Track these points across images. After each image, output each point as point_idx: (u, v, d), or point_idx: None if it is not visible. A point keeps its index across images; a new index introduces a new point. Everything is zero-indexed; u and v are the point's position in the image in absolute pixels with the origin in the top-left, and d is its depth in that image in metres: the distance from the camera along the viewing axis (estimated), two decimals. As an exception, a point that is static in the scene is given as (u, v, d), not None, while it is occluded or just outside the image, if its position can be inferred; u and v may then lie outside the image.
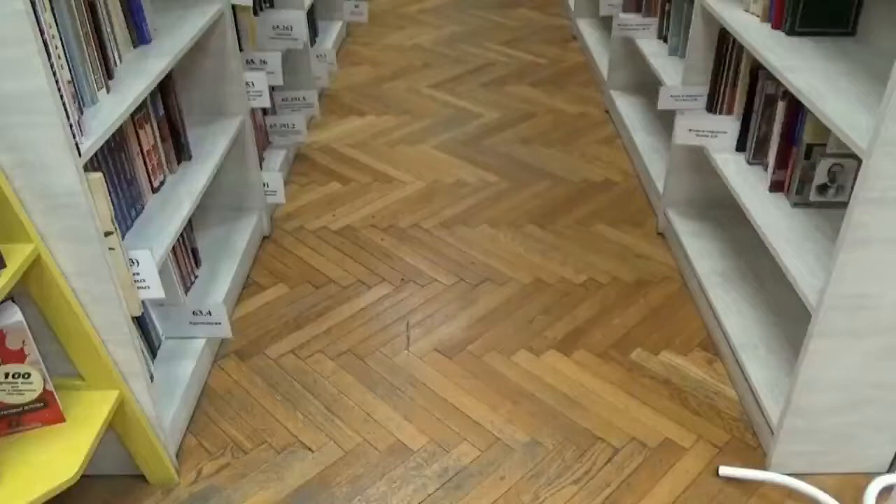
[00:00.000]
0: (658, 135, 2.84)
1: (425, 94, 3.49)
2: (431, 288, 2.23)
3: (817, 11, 1.77)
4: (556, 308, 2.13)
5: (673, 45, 2.58)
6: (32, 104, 1.19)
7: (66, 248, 1.34)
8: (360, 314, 2.12)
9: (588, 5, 4.00)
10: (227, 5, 2.09)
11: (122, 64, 1.65)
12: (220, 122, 2.19)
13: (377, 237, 2.46)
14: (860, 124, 1.34)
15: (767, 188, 1.81)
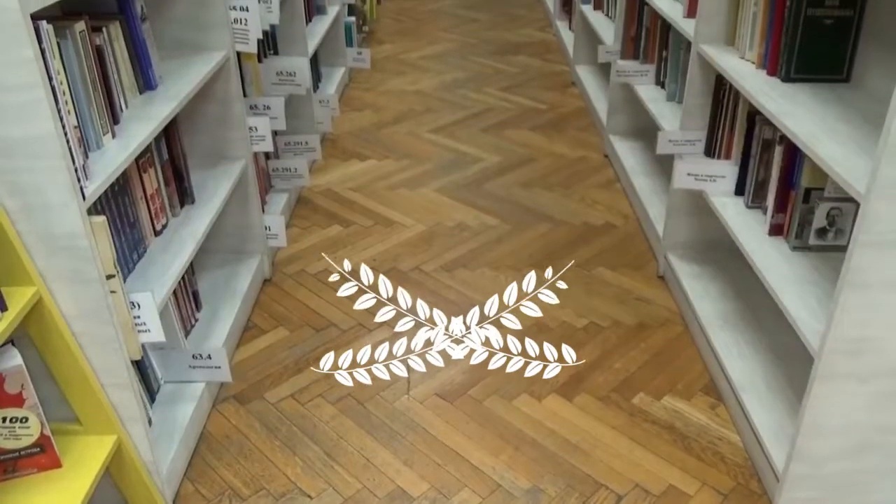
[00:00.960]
0: (657, 178, 2.87)
1: (426, 139, 3.53)
2: (432, 330, 2.22)
3: (812, 58, 1.80)
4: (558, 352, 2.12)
5: (670, 90, 2.62)
6: (39, 148, 1.21)
7: (68, 291, 1.34)
8: (360, 358, 2.11)
9: (586, 52, 4.07)
10: (232, 52, 2.13)
11: (127, 109, 1.68)
12: (223, 165, 2.21)
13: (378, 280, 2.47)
14: (857, 168, 1.35)
15: (767, 232, 1.82)
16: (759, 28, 1.90)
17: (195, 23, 2.05)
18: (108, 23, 1.60)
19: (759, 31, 1.90)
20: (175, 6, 2.03)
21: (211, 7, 2.03)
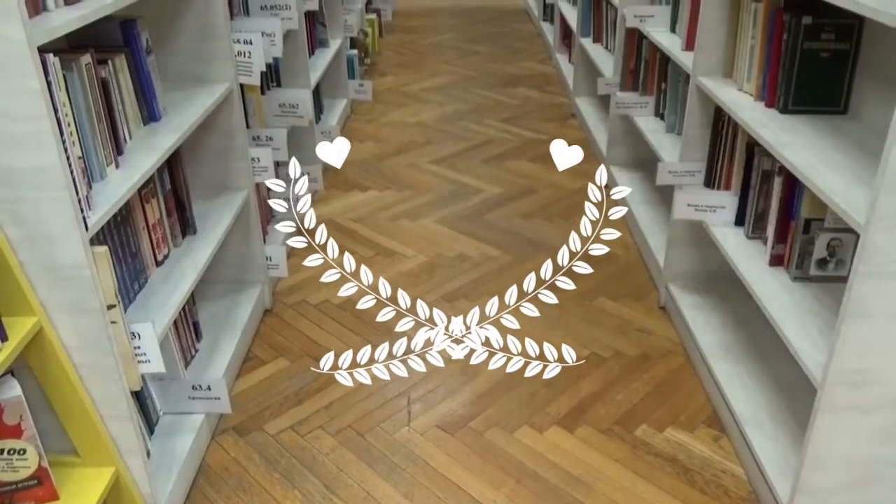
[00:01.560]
0: (657, 209, 2.88)
1: (427, 170, 3.55)
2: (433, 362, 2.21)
3: (809, 90, 1.82)
4: (559, 383, 2.11)
5: (670, 122, 2.65)
6: (43, 179, 1.22)
7: (69, 321, 1.34)
8: (360, 389, 2.10)
9: (586, 84, 4.11)
10: (235, 84, 2.15)
11: (131, 140, 1.69)
12: (226, 196, 2.23)
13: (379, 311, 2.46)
14: (856, 199, 1.36)
15: (767, 262, 1.82)
16: (757, 61, 1.92)
17: (200, 56, 2.08)
18: (113, 56, 1.62)
19: (757, 63, 1.93)
20: (180, 40, 2.05)
21: (215, 40, 2.06)
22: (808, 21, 1.75)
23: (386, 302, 2.00)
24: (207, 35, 2.05)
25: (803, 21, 1.75)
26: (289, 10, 2.62)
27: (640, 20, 2.69)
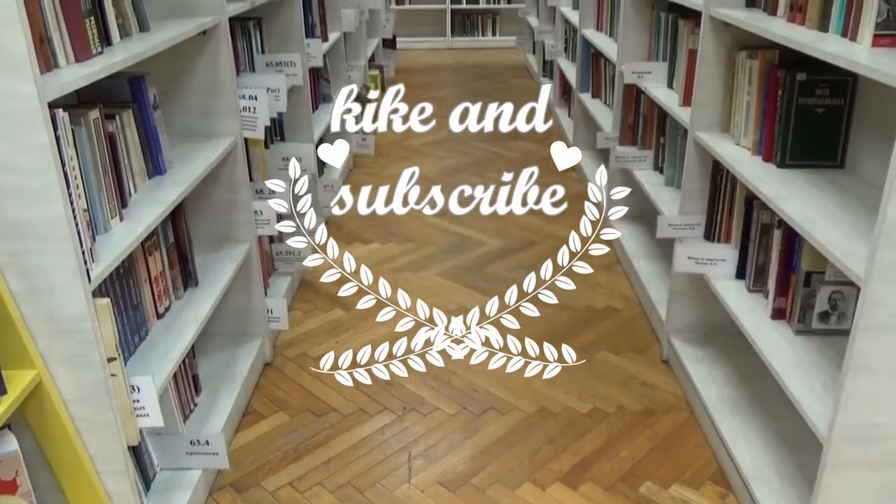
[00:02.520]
0: (658, 262, 2.88)
1: (429, 223, 3.57)
2: (434, 417, 2.19)
3: (806, 145, 1.84)
4: (562, 438, 2.09)
5: (669, 175, 2.67)
6: (48, 232, 1.23)
7: (68, 374, 1.33)
8: (360, 444, 2.07)
9: (586, 138, 4.16)
10: (240, 138, 2.18)
11: (136, 193, 1.71)
12: (228, 248, 2.24)
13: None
14: (856, 252, 1.37)
15: (769, 315, 1.82)
16: (753, 116, 1.96)
17: (205, 111, 2.11)
18: (121, 111, 1.65)
19: (754, 118, 1.96)
20: (187, 95, 2.09)
21: (221, 96, 2.10)
22: (802, 77, 1.79)
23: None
24: (214, 91, 2.09)
25: (797, 78, 1.79)
26: (293, 66, 2.67)
27: (638, 76, 2.74)
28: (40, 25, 1.30)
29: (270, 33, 2.87)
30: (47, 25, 1.32)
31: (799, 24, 1.72)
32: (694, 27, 2.33)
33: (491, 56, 7.57)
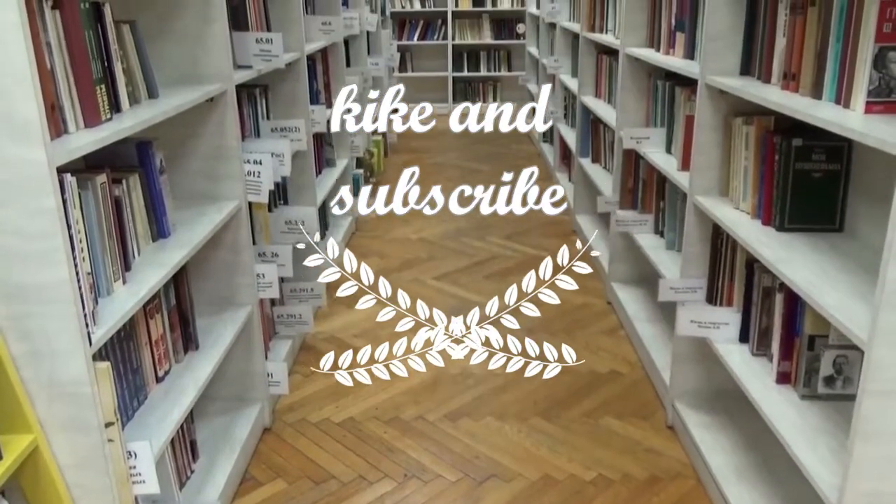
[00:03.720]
0: (661, 325, 2.87)
1: (431, 286, 3.57)
2: (435, 485, 2.15)
3: (804, 209, 1.86)
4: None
5: (669, 239, 2.69)
6: (51, 295, 1.23)
7: (66, 439, 1.31)
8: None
9: (586, 202, 4.20)
10: (244, 202, 2.21)
11: (139, 256, 1.72)
12: (229, 311, 2.23)
13: (380, 430, 2.41)
14: (858, 315, 1.36)
15: (774, 380, 1.80)
16: (751, 180, 1.98)
17: (211, 175, 2.14)
18: (128, 175, 1.68)
19: (752, 183, 1.98)
20: (193, 159, 2.13)
21: (227, 161, 2.13)
22: (798, 143, 1.81)
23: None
24: (219, 155, 2.13)
25: (794, 143, 1.82)
26: (298, 132, 2.72)
27: (637, 142, 2.78)
28: (52, 94, 1.33)
29: (276, 100, 2.94)
30: (59, 93, 1.36)
31: (793, 91, 1.75)
32: (690, 94, 2.38)
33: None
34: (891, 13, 1.43)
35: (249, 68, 2.33)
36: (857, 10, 1.50)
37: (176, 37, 2.02)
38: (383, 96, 5.64)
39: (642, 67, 2.98)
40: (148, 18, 2.00)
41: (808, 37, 1.69)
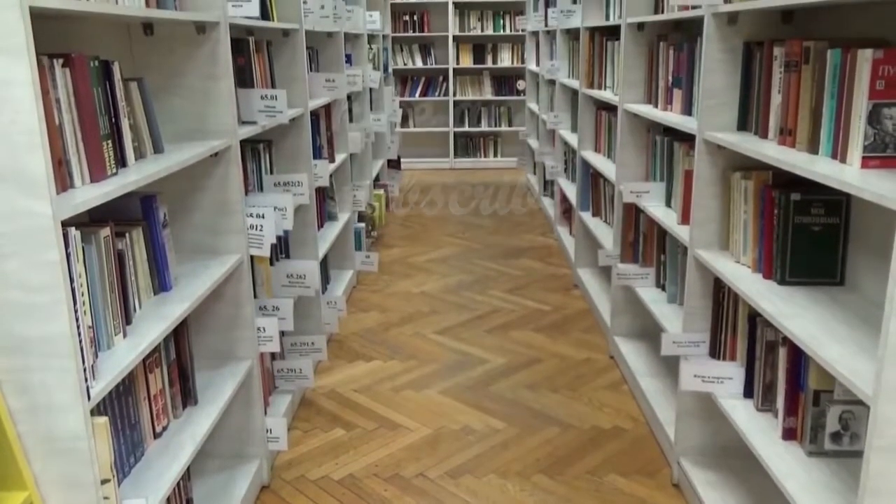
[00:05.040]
0: (664, 380, 2.84)
1: (432, 340, 3.55)
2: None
3: (805, 263, 1.86)
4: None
5: (671, 293, 2.68)
6: (52, 348, 1.23)
7: (60, 497, 1.29)
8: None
9: (587, 256, 4.21)
10: (246, 256, 2.22)
11: (141, 310, 1.72)
12: (229, 365, 2.22)
13: (381, 487, 2.37)
14: (862, 370, 1.35)
15: (780, 436, 1.77)
16: (751, 234, 1.99)
17: (214, 229, 2.16)
18: (131, 228, 1.69)
19: (752, 236, 1.99)
20: (197, 213, 2.14)
21: (230, 215, 2.15)
22: (796, 197, 1.83)
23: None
24: (223, 209, 2.15)
25: (792, 197, 1.83)
26: (301, 186, 2.75)
27: (637, 196, 2.81)
28: (60, 149, 1.35)
29: (280, 154, 2.98)
30: (66, 148, 1.38)
31: (789, 146, 1.78)
32: (689, 149, 2.41)
33: (492, 176, 7.79)
34: (883, 71, 1.46)
35: (254, 124, 2.36)
36: (850, 68, 1.53)
37: (183, 93, 2.06)
38: (385, 149, 5.71)
39: (641, 123, 3.03)
40: (156, 75, 2.04)
41: (804, 94, 1.72)
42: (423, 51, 8.11)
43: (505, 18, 8.00)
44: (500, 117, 8.25)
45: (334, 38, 3.81)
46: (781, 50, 1.82)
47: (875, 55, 1.46)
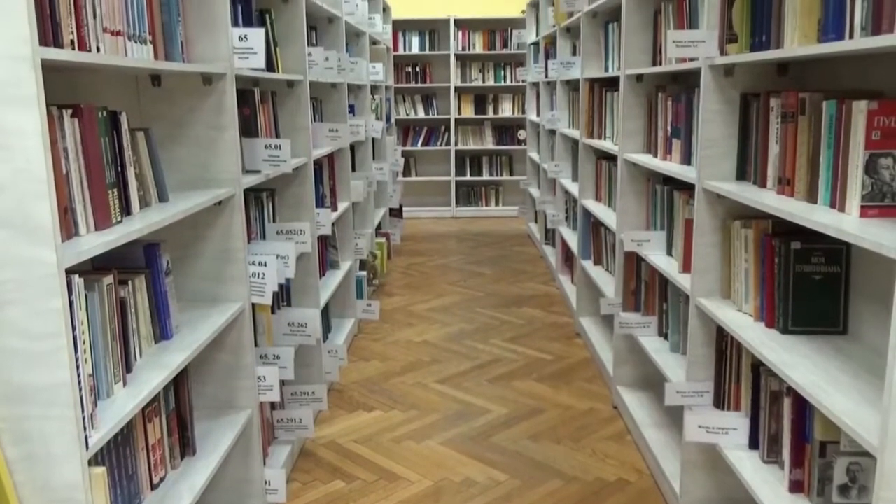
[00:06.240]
0: (669, 430, 2.81)
1: (433, 389, 3.52)
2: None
3: (807, 311, 1.86)
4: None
5: (673, 342, 2.67)
6: (51, 397, 1.22)
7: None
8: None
9: (589, 304, 4.21)
10: (248, 304, 2.22)
11: (141, 358, 1.71)
12: (228, 415, 2.20)
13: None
14: (867, 421, 1.34)
15: (787, 489, 1.75)
16: (753, 282, 1.99)
17: (216, 276, 2.16)
18: (134, 276, 1.70)
19: (753, 285, 1.99)
20: (200, 261, 2.15)
21: (232, 263, 2.16)
22: (797, 246, 1.84)
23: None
24: (225, 258, 2.15)
25: (792, 246, 1.84)
26: (303, 234, 2.77)
27: (637, 244, 2.82)
28: (66, 197, 1.37)
29: (283, 203, 3.00)
30: (73, 197, 1.39)
31: (788, 195, 1.79)
32: (689, 198, 2.43)
33: (494, 224, 7.83)
34: (878, 122, 1.48)
35: (258, 173, 2.39)
36: (846, 119, 1.55)
37: (189, 142, 2.09)
38: (387, 197, 5.75)
39: (641, 172, 3.06)
40: (162, 125, 2.07)
41: (801, 144, 1.74)
42: (426, 101, 8.24)
43: (505, 70, 8.14)
44: (502, 166, 8.34)
45: (338, 89, 3.88)
46: (778, 101, 1.85)
47: (870, 106, 1.48)
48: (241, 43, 2.15)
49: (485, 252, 6.44)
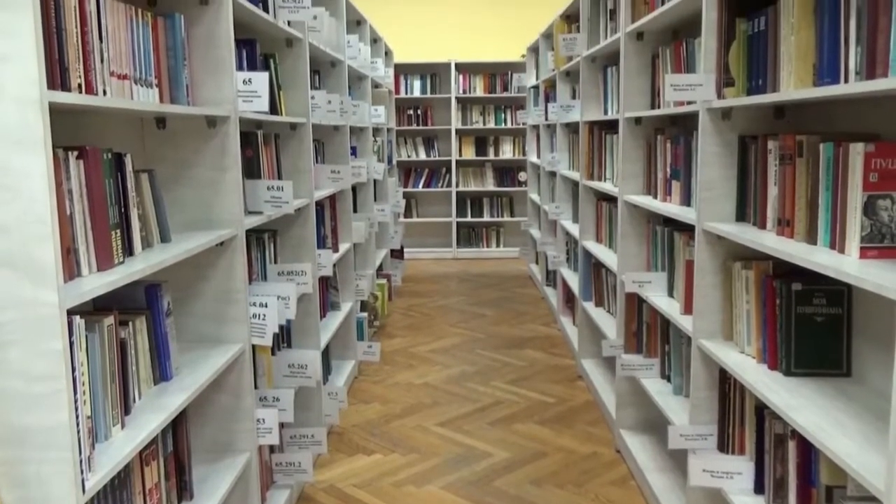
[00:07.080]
0: (673, 474, 2.77)
1: (434, 432, 3.49)
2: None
3: (810, 353, 1.85)
4: None
5: (676, 384, 2.65)
6: (50, 439, 1.21)
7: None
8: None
9: (591, 346, 4.18)
10: (248, 345, 2.21)
11: (140, 400, 1.70)
12: (227, 458, 2.17)
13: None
14: (872, 464, 1.32)
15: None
16: (755, 324, 1.98)
17: (217, 317, 2.16)
18: (135, 317, 1.69)
19: (755, 326, 1.98)
20: (200, 302, 2.15)
21: (233, 304, 2.16)
22: (798, 287, 1.84)
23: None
24: (226, 298, 2.15)
25: (793, 287, 1.84)
26: (304, 275, 2.77)
27: (639, 286, 2.82)
28: (69, 238, 1.38)
29: (284, 244, 3.01)
30: (76, 237, 1.40)
31: (788, 237, 1.80)
32: (689, 239, 2.44)
33: (495, 266, 7.83)
34: (875, 164, 1.50)
35: (260, 214, 2.40)
36: (844, 162, 1.57)
37: (192, 183, 2.10)
38: (388, 238, 5.78)
39: (641, 213, 3.08)
40: (166, 166, 2.09)
41: (799, 186, 1.76)
42: (427, 143, 8.32)
43: (506, 112, 8.24)
44: (503, 208, 8.38)
45: (340, 132, 3.93)
46: (776, 143, 1.87)
47: (867, 149, 1.50)
48: (245, 86, 2.18)
49: (486, 293, 6.43)
